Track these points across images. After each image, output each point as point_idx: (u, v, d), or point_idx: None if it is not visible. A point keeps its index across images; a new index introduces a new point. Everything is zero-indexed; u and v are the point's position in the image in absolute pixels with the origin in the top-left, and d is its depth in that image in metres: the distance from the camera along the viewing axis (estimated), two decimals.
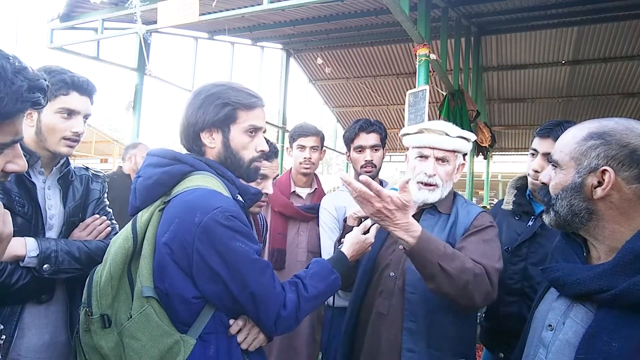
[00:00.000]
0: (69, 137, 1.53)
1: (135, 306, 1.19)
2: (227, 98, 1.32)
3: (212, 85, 1.35)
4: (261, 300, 1.19)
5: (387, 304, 1.58)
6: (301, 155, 2.38)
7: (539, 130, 1.86)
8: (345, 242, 1.49)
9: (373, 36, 7.32)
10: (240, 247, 1.17)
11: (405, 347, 1.50)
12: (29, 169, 1.53)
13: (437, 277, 1.30)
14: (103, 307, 1.21)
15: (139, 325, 1.17)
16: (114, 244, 1.26)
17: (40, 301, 1.50)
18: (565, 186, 1.01)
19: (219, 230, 1.14)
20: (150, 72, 5.84)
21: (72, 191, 1.64)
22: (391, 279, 1.60)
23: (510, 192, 2.04)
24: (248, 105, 1.34)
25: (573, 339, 0.95)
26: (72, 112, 1.53)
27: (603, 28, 6.57)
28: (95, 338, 1.20)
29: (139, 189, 1.30)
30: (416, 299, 1.53)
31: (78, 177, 1.69)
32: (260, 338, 1.27)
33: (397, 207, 1.19)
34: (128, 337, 1.17)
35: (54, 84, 1.48)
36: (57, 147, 1.53)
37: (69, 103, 1.51)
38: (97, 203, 1.70)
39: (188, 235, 1.15)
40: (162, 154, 1.33)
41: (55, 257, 1.42)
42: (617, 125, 0.96)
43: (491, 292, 1.38)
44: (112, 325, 1.21)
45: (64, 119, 1.51)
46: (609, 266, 0.91)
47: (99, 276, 1.24)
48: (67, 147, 1.54)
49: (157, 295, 1.18)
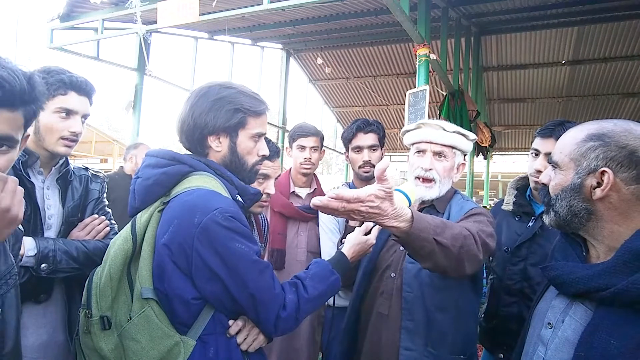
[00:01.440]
0: (67, 137, 1.53)
1: (135, 308, 1.19)
2: (239, 104, 1.31)
3: (220, 87, 1.33)
4: (261, 301, 1.18)
5: (387, 304, 1.59)
6: (301, 155, 2.38)
7: (541, 130, 1.86)
8: (346, 243, 1.49)
9: (373, 36, 7.33)
10: (240, 248, 1.16)
11: (403, 346, 1.51)
12: (28, 168, 1.53)
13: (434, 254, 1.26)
14: (103, 308, 1.20)
15: (139, 326, 1.16)
16: (113, 245, 1.25)
17: (38, 301, 1.50)
18: (565, 187, 1.02)
19: (219, 231, 1.14)
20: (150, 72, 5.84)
21: (71, 191, 1.64)
22: (392, 279, 1.61)
23: (510, 193, 2.04)
24: (258, 112, 1.34)
25: (572, 336, 0.96)
26: (70, 112, 1.53)
27: (603, 28, 6.58)
28: (95, 340, 1.20)
29: (138, 189, 1.29)
30: (412, 297, 1.53)
31: (77, 177, 1.69)
32: (260, 339, 1.27)
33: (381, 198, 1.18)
34: (128, 338, 1.17)
35: (52, 84, 1.49)
36: (55, 147, 1.53)
37: (67, 103, 1.52)
38: (96, 203, 1.71)
39: (187, 236, 1.14)
40: (160, 155, 1.32)
41: (53, 257, 1.43)
42: (615, 127, 0.97)
43: (478, 256, 1.33)
44: (112, 327, 1.20)
45: (61, 118, 1.52)
46: (608, 265, 0.92)
47: (98, 278, 1.23)
48: (65, 147, 1.54)
49: (157, 297, 1.18)
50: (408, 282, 1.55)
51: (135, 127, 5.82)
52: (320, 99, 10.35)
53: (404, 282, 1.56)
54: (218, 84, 1.35)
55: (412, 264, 1.56)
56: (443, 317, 1.51)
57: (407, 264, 1.57)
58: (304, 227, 2.36)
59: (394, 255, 1.64)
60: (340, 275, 1.37)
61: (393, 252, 1.65)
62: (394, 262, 1.62)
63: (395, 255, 1.63)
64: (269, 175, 1.84)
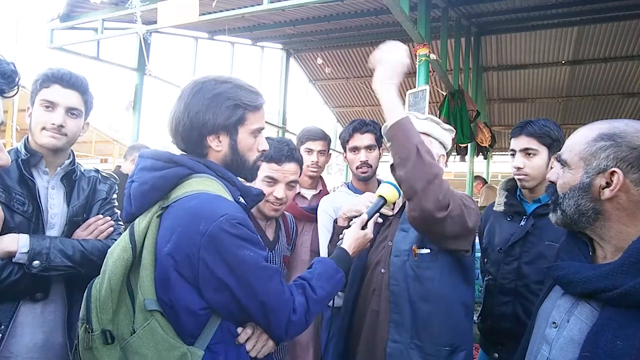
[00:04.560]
0: (49, 128, 1.54)
1: (138, 320, 1.12)
2: (237, 99, 1.24)
3: (215, 82, 1.25)
4: (271, 308, 1.14)
5: (378, 300, 1.60)
6: (309, 158, 2.41)
7: (512, 132, 1.96)
8: (346, 238, 1.46)
9: (373, 36, 7.32)
10: (249, 256, 1.12)
11: (390, 339, 1.53)
12: (32, 168, 1.54)
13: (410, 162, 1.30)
14: (104, 322, 1.13)
15: (144, 340, 1.11)
16: (112, 255, 1.18)
17: (35, 299, 1.50)
18: (573, 186, 1.01)
19: (226, 239, 1.09)
20: (150, 72, 5.84)
21: (77, 191, 1.64)
22: (381, 275, 1.62)
23: (501, 194, 2.07)
24: (257, 106, 1.28)
25: (577, 336, 0.96)
26: (51, 103, 1.54)
27: (603, 28, 6.57)
28: (98, 355, 1.14)
29: (134, 194, 1.21)
30: (398, 290, 1.55)
31: (86, 178, 1.70)
32: (269, 345, 1.23)
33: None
34: (132, 352, 1.11)
35: (38, 80, 1.54)
36: (40, 139, 1.54)
37: (49, 95, 1.54)
38: (102, 203, 1.70)
39: (193, 245, 1.09)
40: (156, 156, 1.24)
41: (46, 254, 1.42)
42: (627, 127, 0.97)
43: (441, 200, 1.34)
44: (114, 341, 1.14)
45: (44, 111, 1.54)
46: (615, 266, 0.92)
47: (97, 290, 1.16)
48: (49, 137, 1.54)
49: (161, 308, 1.12)
50: (394, 275, 1.57)
51: (135, 127, 5.81)
52: (320, 99, 10.34)
53: (391, 275, 1.57)
54: (212, 78, 1.27)
55: (397, 257, 1.58)
56: (428, 309, 1.52)
57: (392, 257, 1.59)
58: (309, 228, 2.38)
59: (383, 251, 1.65)
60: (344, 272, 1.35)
61: (382, 249, 1.66)
62: (383, 257, 1.64)
63: (384, 251, 1.65)
64: (277, 180, 1.78)
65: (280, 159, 1.76)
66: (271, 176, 1.77)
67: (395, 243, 1.62)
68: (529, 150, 1.87)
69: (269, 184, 1.78)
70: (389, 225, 1.72)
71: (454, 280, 1.57)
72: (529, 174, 1.87)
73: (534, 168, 1.86)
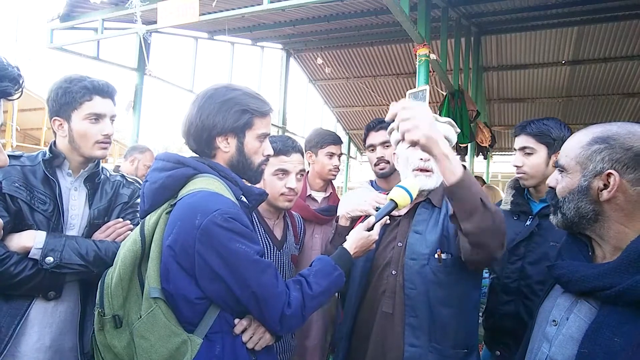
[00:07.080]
0: (101, 140, 1.61)
1: (144, 307, 1.22)
2: (246, 105, 1.35)
3: (226, 89, 1.36)
4: (263, 299, 1.21)
5: (391, 302, 1.59)
6: (330, 162, 2.48)
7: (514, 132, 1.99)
8: (349, 238, 1.48)
9: (373, 36, 7.32)
10: (240, 248, 1.19)
11: (407, 342, 1.52)
12: (57, 169, 1.60)
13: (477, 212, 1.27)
14: (115, 308, 1.25)
15: (148, 325, 1.20)
16: (123, 247, 1.30)
17: (47, 298, 1.51)
18: (572, 189, 1.04)
19: (218, 232, 1.17)
20: (150, 72, 5.84)
21: (99, 194, 1.68)
22: (393, 277, 1.61)
23: (508, 192, 2.08)
24: (264, 113, 1.38)
25: (576, 333, 0.98)
26: (99, 116, 1.59)
27: (603, 28, 6.57)
28: (109, 337, 1.25)
29: (147, 193, 1.33)
30: (416, 294, 1.54)
31: (110, 182, 1.74)
32: (266, 337, 1.29)
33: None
34: (138, 336, 1.20)
35: (76, 92, 1.56)
36: (92, 152, 1.60)
37: (94, 107, 1.59)
38: (123, 207, 1.73)
39: (189, 238, 1.17)
40: (167, 158, 1.36)
41: (60, 252, 1.45)
42: (620, 129, 0.99)
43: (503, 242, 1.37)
44: (123, 325, 1.24)
45: (92, 123, 1.58)
46: (613, 265, 0.94)
47: (110, 278, 1.28)
48: (101, 149, 1.62)
49: (164, 296, 1.21)
50: (410, 278, 1.56)
51: (135, 127, 5.81)
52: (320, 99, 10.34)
53: (406, 279, 1.56)
54: (224, 86, 1.38)
55: (413, 260, 1.57)
56: (447, 313, 1.52)
57: (407, 260, 1.58)
58: (319, 230, 2.40)
59: (393, 252, 1.64)
60: (343, 270, 1.38)
61: (391, 249, 1.65)
62: (394, 259, 1.62)
63: (394, 252, 1.64)
64: (288, 171, 1.87)
65: (288, 151, 1.87)
66: (282, 168, 1.85)
67: (409, 245, 1.60)
68: (526, 149, 1.90)
69: (280, 177, 1.86)
70: (397, 225, 1.70)
71: (469, 284, 1.59)
72: (527, 172, 1.90)
73: (531, 166, 1.89)
